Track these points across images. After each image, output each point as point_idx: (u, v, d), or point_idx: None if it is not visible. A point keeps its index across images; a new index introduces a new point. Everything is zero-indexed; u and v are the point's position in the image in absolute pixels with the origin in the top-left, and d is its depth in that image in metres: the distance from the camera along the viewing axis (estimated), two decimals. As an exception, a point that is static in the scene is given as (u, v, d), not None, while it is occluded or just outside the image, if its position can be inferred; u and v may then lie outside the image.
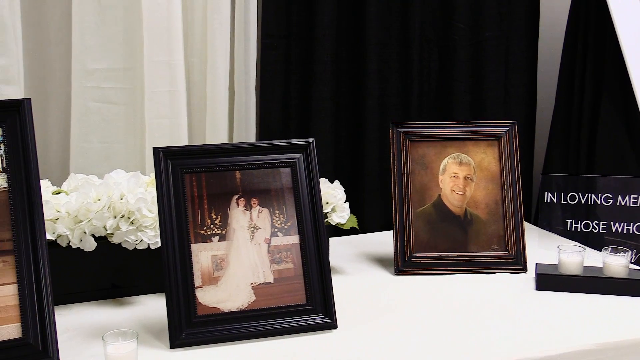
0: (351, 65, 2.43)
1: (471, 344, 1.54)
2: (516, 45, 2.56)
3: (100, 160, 2.16)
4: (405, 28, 2.43)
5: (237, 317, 1.56)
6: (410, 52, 2.44)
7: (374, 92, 2.42)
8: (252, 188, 1.62)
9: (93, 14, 2.11)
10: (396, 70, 2.46)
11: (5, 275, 1.44)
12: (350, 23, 2.40)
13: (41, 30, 2.16)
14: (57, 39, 2.17)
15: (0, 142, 1.50)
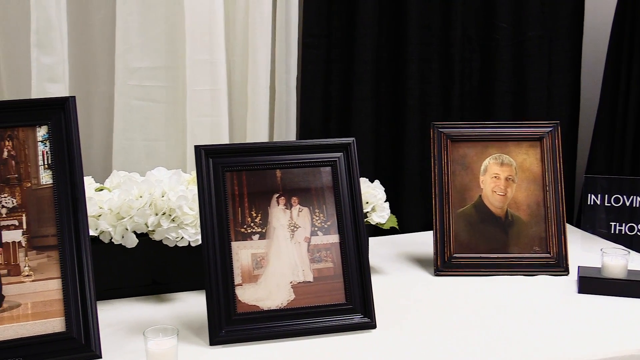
0: (392, 65, 2.42)
1: (511, 347, 1.52)
2: (560, 45, 2.53)
3: (142, 157, 2.19)
4: (446, 27, 2.42)
5: (277, 315, 1.56)
6: (451, 52, 2.43)
7: (414, 91, 2.41)
8: (292, 187, 1.62)
9: (136, 14, 2.13)
10: (437, 69, 2.45)
11: (50, 270, 1.46)
12: (391, 22, 2.39)
13: (86, 29, 2.19)
14: (101, 38, 2.19)
15: (46, 140, 1.52)
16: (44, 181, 1.50)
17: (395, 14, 2.38)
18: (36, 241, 1.47)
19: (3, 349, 1.39)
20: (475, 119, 2.49)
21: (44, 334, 1.42)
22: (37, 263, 1.46)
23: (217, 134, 2.17)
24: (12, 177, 1.50)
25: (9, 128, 1.51)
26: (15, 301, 1.44)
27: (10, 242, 1.46)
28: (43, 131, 1.52)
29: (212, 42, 2.14)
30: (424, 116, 2.43)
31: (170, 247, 1.76)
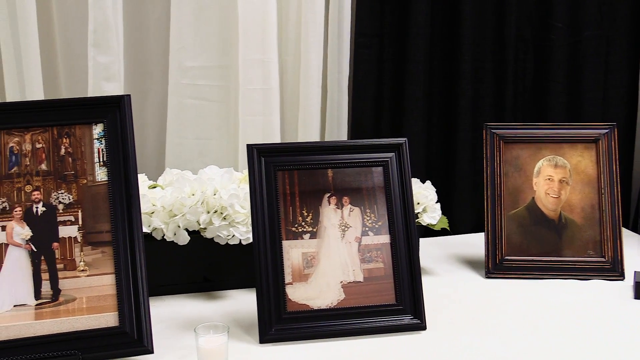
0: (444, 65, 2.40)
1: (563, 353, 1.50)
2: (617, 45, 2.48)
3: (195, 156, 2.20)
4: (500, 27, 2.39)
5: (327, 314, 1.56)
6: (505, 52, 2.40)
7: (467, 92, 2.38)
8: (343, 186, 1.62)
9: (190, 14, 2.15)
10: (490, 70, 2.42)
11: (104, 266, 1.48)
12: (444, 22, 2.37)
13: (141, 29, 2.21)
14: (155, 37, 2.22)
15: (102, 137, 1.54)
16: (99, 178, 1.53)
17: (448, 13, 2.36)
18: (91, 237, 1.50)
19: (59, 341, 1.42)
20: (529, 120, 2.46)
21: (98, 328, 1.45)
22: (91, 258, 1.49)
23: (268, 133, 2.17)
24: (68, 174, 1.53)
25: (67, 126, 1.54)
26: (71, 295, 1.46)
27: (67, 238, 1.49)
28: (99, 129, 1.55)
29: (264, 41, 2.15)
30: (476, 117, 2.41)
31: (222, 245, 1.77)
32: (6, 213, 1.49)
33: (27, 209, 1.50)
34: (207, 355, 1.38)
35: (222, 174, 1.85)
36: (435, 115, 2.42)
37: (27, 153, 1.53)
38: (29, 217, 1.49)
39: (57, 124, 1.55)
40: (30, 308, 1.44)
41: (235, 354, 1.47)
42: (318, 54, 2.21)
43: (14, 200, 1.50)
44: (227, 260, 1.83)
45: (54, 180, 1.52)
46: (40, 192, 1.51)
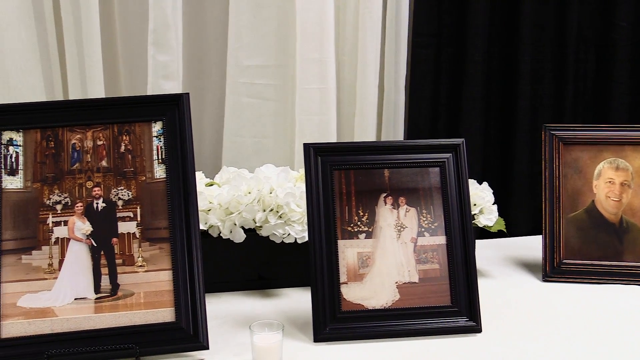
0: (503, 65, 2.38)
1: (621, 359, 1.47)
2: (684, 44, 2.42)
3: (251, 154, 2.22)
4: (561, 27, 2.36)
5: (381, 315, 1.56)
6: (565, 52, 2.36)
7: (526, 92, 2.35)
8: (400, 186, 1.61)
9: (248, 13, 2.17)
10: (550, 70, 2.38)
11: (161, 262, 1.50)
12: (503, 21, 2.35)
13: (200, 28, 2.24)
14: (214, 36, 2.24)
15: (161, 135, 1.56)
16: (158, 175, 1.55)
17: (508, 12, 2.33)
18: (149, 233, 1.52)
19: (117, 335, 1.44)
20: (589, 121, 2.41)
21: (155, 323, 1.46)
22: (149, 254, 1.51)
23: (325, 132, 2.18)
24: (128, 171, 1.55)
25: (127, 123, 1.57)
26: (129, 290, 1.49)
27: (126, 233, 1.51)
28: (158, 126, 1.57)
29: (322, 41, 2.15)
30: (535, 118, 2.38)
31: (277, 243, 1.78)
32: (68, 208, 1.52)
33: (88, 205, 1.53)
34: (262, 353, 1.39)
35: (278, 172, 1.86)
36: (493, 116, 2.40)
37: (88, 150, 1.55)
38: (89, 212, 1.52)
39: (117, 122, 1.57)
40: (90, 302, 1.47)
41: (289, 352, 1.47)
42: (375, 54, 2.20)
43: (76, 196, 1.53)
44: (282, 259, 1.83)
45: (113, 176, 1.55)
46: (101, 188, 1.54)
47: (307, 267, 1.56)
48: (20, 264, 1.48)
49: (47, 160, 1.54)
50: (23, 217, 1.51)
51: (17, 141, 1.55)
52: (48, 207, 1.52)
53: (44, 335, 1.43)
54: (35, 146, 1.55)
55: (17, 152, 1.54)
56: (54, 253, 1.50)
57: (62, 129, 1.56)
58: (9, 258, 1.48)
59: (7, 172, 1.53)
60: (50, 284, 1.48)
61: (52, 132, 1.56)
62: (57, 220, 1.52)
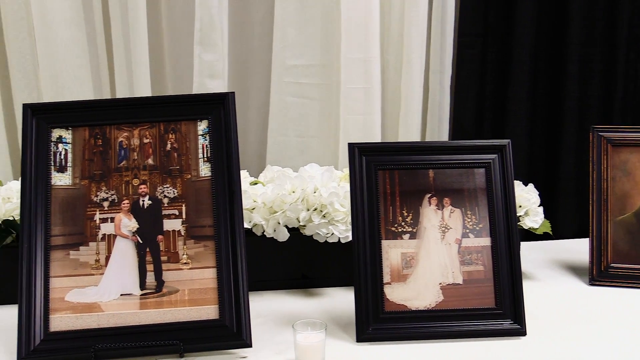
0: (550, 66, 2.35)
1: (673, 364, 1.44)
2: None
3: (296, 153, 2.22)
4: (611, 27, 2.32)
5: (424, 316, 1.55)
6: (615, 52, 2.32)
7: (573, 93, 2.32)
8: (445, 187, 1.60)
9: (294, 13, 2.17)
10: (599, 71, 2.35)
11: (206, 259, 1.51)
12: (551, 21, 2.32)
13: (245, 28, 2.25)
14: (259, 36, 2.25)
15: (206, 133, 1.58)
16: (203, 173, 1.56)
17: (555, 12, 2.30)
18: (194, 231, 1.53)
19: (162, 331, 1.45)
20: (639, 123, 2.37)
21: (199, 320, 1.47)
22: (194, 252, 1.52)
23: (369, 132, 2.17)
24: (174, 169, 1.56)
25: (173, 122, 1.58)
26: (174, 287, 1.50)
27: (171, 231, 1.53)
28: (203, 125, 1.58)
29: (367, 40, 2.15)
30: (583, 119, 2.34)
31: (320, 243, 1.78)
32: (115, 205, 1.54)
33: (134, 202, 1.54)
34: (305, 352, 1.39)
35: (322, 172, 1.86)
36: (539, 117, 2.37)
37: (135, 148, 1.57)
38: (135, 209, 1.54)
39: (163, 120, 1.59)
40: (135, 298, 1.49)
41: (332, 352, 1.47)
42: (420, 53, 2.19)
43: (122, 193, 1.55)
44: (326, 258, 1.83)
45: (159, 174, 1.56)
46: (147, 186, 1.55)
47: (351, 267, 1.56)
48: (68, 259, 1.51)
49: (94, 158, 1.57)
50: (71, 214, 1.54)
51: (66, 139, 1.57)
52: (95, 204, 1.54)
53: (91, 329, 1.46)
54: (84, 144, 1.57)
55: (66, 149, 1.57)
56: (100, 249, 1.52)
57: (110, 127, 1.58)
58: (57, 253, 1.50)
59: (56, 169, 1.55)
60: (97, 279, 1.50)
61: (100, 130, 1.58)
62: (104, 217, 1.54)
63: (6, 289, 1.71)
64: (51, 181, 1.54)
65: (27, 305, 1.45)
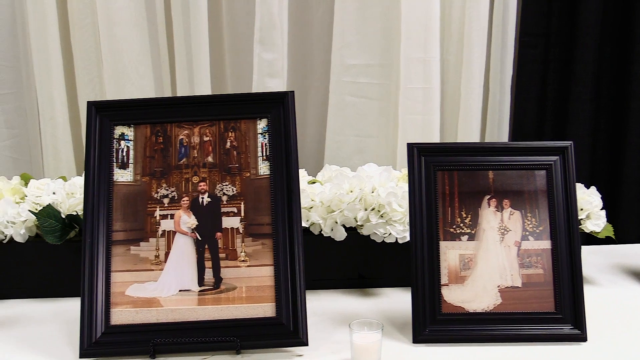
0: (615, 66, 2.30)
1: None
2: None
3: (354, 153, 2.22)
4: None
5: (482, 318, 1.53)
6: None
7: (638, 94, 2.26)
8: (504, 189, 1.58)
9: (354, 12, 2.17)
10: (666, 71, 2.29)
11: (264, 257, 1.52)
12: (616, 21, 2.27)
13: (305, 27, 2.26)
14: (318, 35, 2.26)
15: (265, 132, 1.59)
16: (262, 172, 1.57)
17: (621, 11, 2.26)
18: (252, 229, 1.54)
19: (220, 327, 1.47)
20: None
21: (256, 317, 1.48)
22: (252, 249, 1.53)
23: (428, 132, 2.16)
24: (233, 167, 1.58)
25: (233, 120, 1.60)
26: (232, 284, 1.51)
27: (229, 228, 1.54)
28: (263, 124, 1.59)
29: (427, 40, 2.14)
30: (648, 121, 2.29)
31: (377, 243, 1.78)
32: (174, 202, 1.56)
33: (193, 199, 1.56)
34: (361, 352, 1.39)
35: (380, 171, 1.86)
36: (602, 119, 2.33)
37: (195, 145, 1.59)
38: (195, 206, 1.56)
39: (223, 118, 1.60)
40: (193, 294, 1.51)
41: (388, 352, 1.47)
42: (481, 53, 2.17)
43: (182, 190, 1.57)
44: (383, 258, 1.83)
45: (219, 172, 1.58)
46: (206, 184, 1.57)
47: (407, 267, 1.55)
48: (128, 254, 1.53)
49: (155, 155, 1.59)
50: (132, 210, 1.56)
51: (129, 136, 1.60)
52: (156, 200, 1.57)
53: (150, 324, 1.48)
54: (145, 141, 1.60)
55: (128, 146, 1.59)
56: (160, 245, 1.54)
57: (171, 124, 1.60)
58: (118, 248, 1.53)
59: (118, 166, 1.58)
60: (157, 275, 1.52)
61: (161, 127, 1.60)
62: (164, 214, 1.56)
63: (69, 282, 1.75)
64: (113, 177, 1.57)
65: (90, 299, 1.48)
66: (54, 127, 2.21)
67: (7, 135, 2.29)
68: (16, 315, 1.72)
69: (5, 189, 1.88)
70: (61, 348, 1.52)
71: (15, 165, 2.31)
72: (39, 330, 1.63)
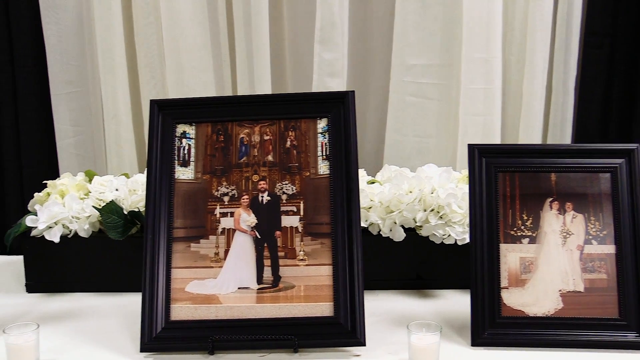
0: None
1: None
2: None
3: (413, 153, 2.21)
4: None
5: (543, 323, 1.50)
6: None
7: None
8: (567, 192, 1.55)
9: (415, 11, 2.16)
10: None
11: (322, 257, 1.53)
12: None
13: (365, 26, 2.26)
14: (379, 35, 2.25)
15: (325, 132, 1.59)
16: (321, 171, 1.57)
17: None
18: (311, 228, 1.55)
19: (278, 325, 1.48)
20: None
21: (314, 316, 1.49)
22: (311, 249, 1.54)
23: (489, 133, 2.14)
24: (293, 166, 1.59)
25: (293, 119, 1.61)
26: (290, 283, 1.52)
27: (289, 227, 1.55)
28: (323, 123, 1.60)
29: (489, 39, 2.11)
30: None
31: (436, 244, 1.76)
32: (234, 200, 1.58)
33: (253, 198, 1.57)
34: (419, 353, 1.38)
35: (440, 172, 1.84)
36: (671, 121, 2.27)
37: (255, 144, 1.60)
38: (254, 205, 1.57)
39: (284, 118, 1.61)
40: (252, 292, 1.52)
41: (446, 354, 1.45)
42: (544, 54, 2.13)
43: (242, 189, 1.58)
44: (441, 260, 1.81)
45: (279, 171, 1.59)
46: (266, 182, 1.58)
47: (466, 270, 1.54)
48: (189, 251, 1.55)
49: (216, 153, 1.61)
50: (192, 207, 1.58)
51: (190, 134, 1.62)
52: (216, 198, 1.58)
53: (209, 320, 1.49)
54: (206, 139, 1.62)
55: (189, 144, 1.61)
56: (220, 243, 1.56)
57: (232, 123, 1.62)
58: (179, 245, 1.55)
59: (179, 164, 1.60)
60: (216, 272, 1.54)
61: (222, 126, 1.62)
62: (224, 212, 1.58)
63: (130, 278, 1.78)
64: (175, 175, 1.59)
65: (150, 294, 1.51)
66: (118, 125, 2.25)
67: (73, 132, 2.35)
68: (80, 309, 1.76)
69: (71, 185, 1.92)
70: (122, 342, 1.55)
71: (79, 161, 2.36)
72: (101, 323, 1.66)
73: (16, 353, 1.40)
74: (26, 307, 1.78)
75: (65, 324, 1.66)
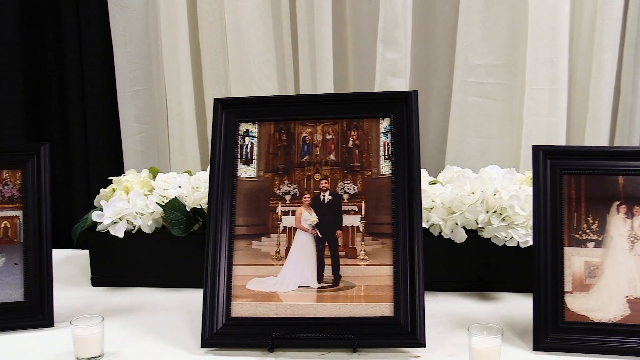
0: None
1: None
2: None
3: (476, 154, 2.19)
4: None
5: (608, 329, 1.47)
6: None
7: None
8: (635, 195, 1.52)
9: (479, 11, 2.14)
10: None
11: (383, 257, 1.52)
12: None
13: (429, 26, 2.24)
14: (442, 34, 2.23)
15: (388, 131, 1.58)
16: (383, 171, 1.57)
17: None
18: (372, 227, 1.55)
19: (337, 324, 1.48)
20: None
21: (374, 316, 1.48)
22: (371, 248, 1.54)
23: (553, 134, 2.10)
24: (355, 165, 1.59)
25: (355, 119, 1.61)
26: (350, 282, 1.52)
27: (350, 227, 1.55)
28: (385, 123, 1.59)
29: (555, 39, 2.07)
30: None
31: (498, 246, 1.74)
32: (296, 199, 1.58)
33: (315, 196, 1.58)
34: (480, 356, 1.37)
35: (503, 174, 1.82)
36: None
37: (317, 143, 1.61)
38: (316, 204, 1.58)
39: (346, 117, 1.62)
40: (312, 290, 1.52)
41: (507, 358, 1.43)
42: (613, 53, 2.08)
43: (304, 187, 1.59)
44: (503, 262, 1.79)
45: (340, 170, 1.59)
46: (328, 181, 1.59)
47: (529, 273, 1.52)
48: (250, 249, 1.57)
49: (279, 152, 1.62)
50: (254, 205, 1.60)
51: (253, 132, 1.63)
52: (278, 196, 1.59)
53: (269, 318, 1.50)
54: (269, 138, 1.63)
55: (252, 142, 1.63)
56: (281, 241, 1.57)
57: (294, 122, 1.63)
58: (240, 243, 1.57)
59: (242, 162, 1.62)
60: (277, 270, 1.55)
61: (285, 125, 1.63)
62: (286, 210, 1.58)
63: (192, 274, 1.80)
64: (237, 173, 1.61)
65: (212, 291, 1.52)
66: (181, 123, 2.29)
67: (138, 129, 2.39)
68: (142, 303, 1.79)
69: (135, 181, 1.96)
70: (184, 337, 1.57)
71: (143, 158, 2.40)
72: (163, 318, 1.69)
73: (82, 344, 1.44)
74: (91, 300, 1.82)
75: (128, 317, 1.70)
